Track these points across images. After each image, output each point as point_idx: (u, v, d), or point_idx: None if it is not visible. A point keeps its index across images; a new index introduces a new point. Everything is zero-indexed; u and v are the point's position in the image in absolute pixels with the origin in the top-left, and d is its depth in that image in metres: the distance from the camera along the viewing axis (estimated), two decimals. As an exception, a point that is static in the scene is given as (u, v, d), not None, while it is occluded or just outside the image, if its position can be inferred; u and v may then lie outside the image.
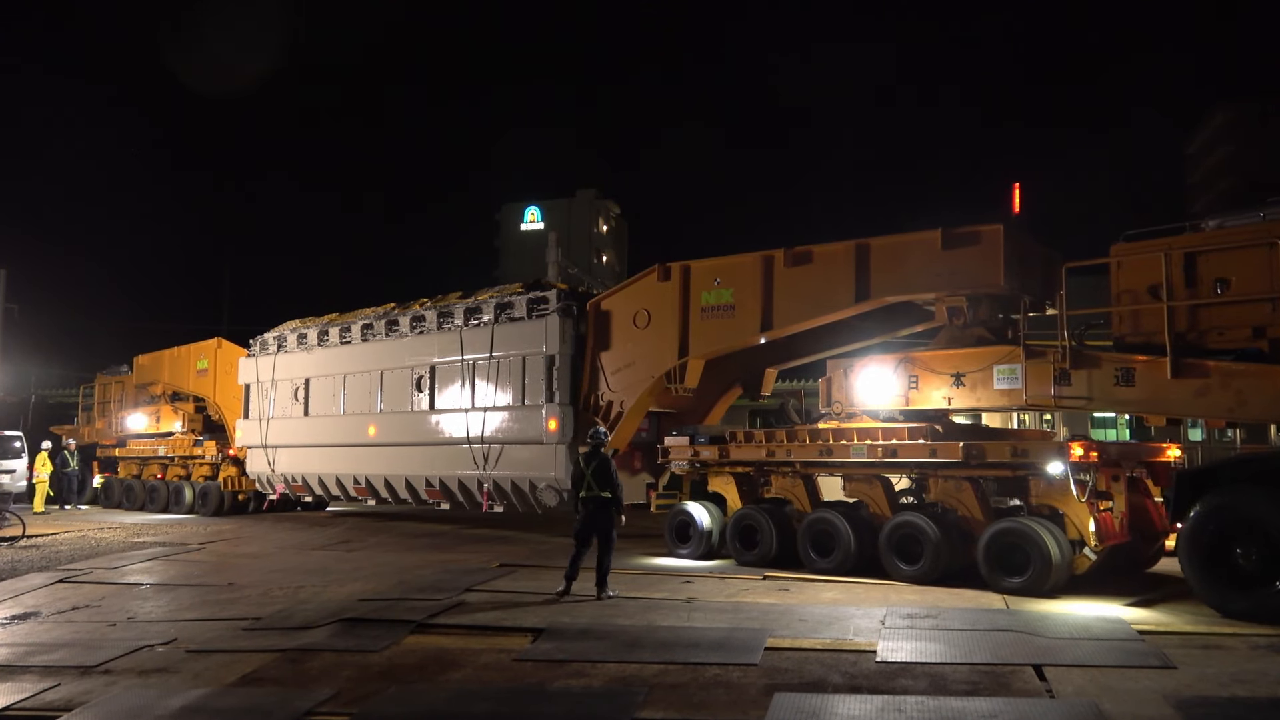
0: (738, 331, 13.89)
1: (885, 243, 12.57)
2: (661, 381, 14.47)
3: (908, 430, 11.95)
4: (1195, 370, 10.30)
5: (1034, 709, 6.27)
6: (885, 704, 6.39)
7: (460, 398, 16.77)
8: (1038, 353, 11.45)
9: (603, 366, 15.11)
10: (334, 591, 11.50)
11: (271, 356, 21.11)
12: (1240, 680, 6.97)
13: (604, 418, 14.80)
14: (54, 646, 8.96)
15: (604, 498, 10.77)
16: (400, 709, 6.77)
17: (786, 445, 12.96)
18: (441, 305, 17.64)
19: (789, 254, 13.31)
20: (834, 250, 12.95)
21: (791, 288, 13.31)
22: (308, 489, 20.44)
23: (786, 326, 13.53)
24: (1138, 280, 11.03)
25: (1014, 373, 11.60)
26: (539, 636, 8.69)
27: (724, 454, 13.58)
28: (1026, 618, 9.08)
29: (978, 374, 11.90)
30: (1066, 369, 11.16)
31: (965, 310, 12.25)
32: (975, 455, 11.33)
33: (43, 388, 38.33)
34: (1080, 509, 10.73)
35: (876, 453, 12.04)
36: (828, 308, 13.14)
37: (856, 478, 12.59)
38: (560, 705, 6.75)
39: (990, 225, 11.77)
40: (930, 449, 11.63)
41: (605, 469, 10.89)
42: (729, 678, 7.19)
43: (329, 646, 8.56)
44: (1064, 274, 11.35)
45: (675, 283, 14.41)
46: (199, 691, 7.28)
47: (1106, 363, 10.98)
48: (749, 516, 13.03)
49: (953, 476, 11.72)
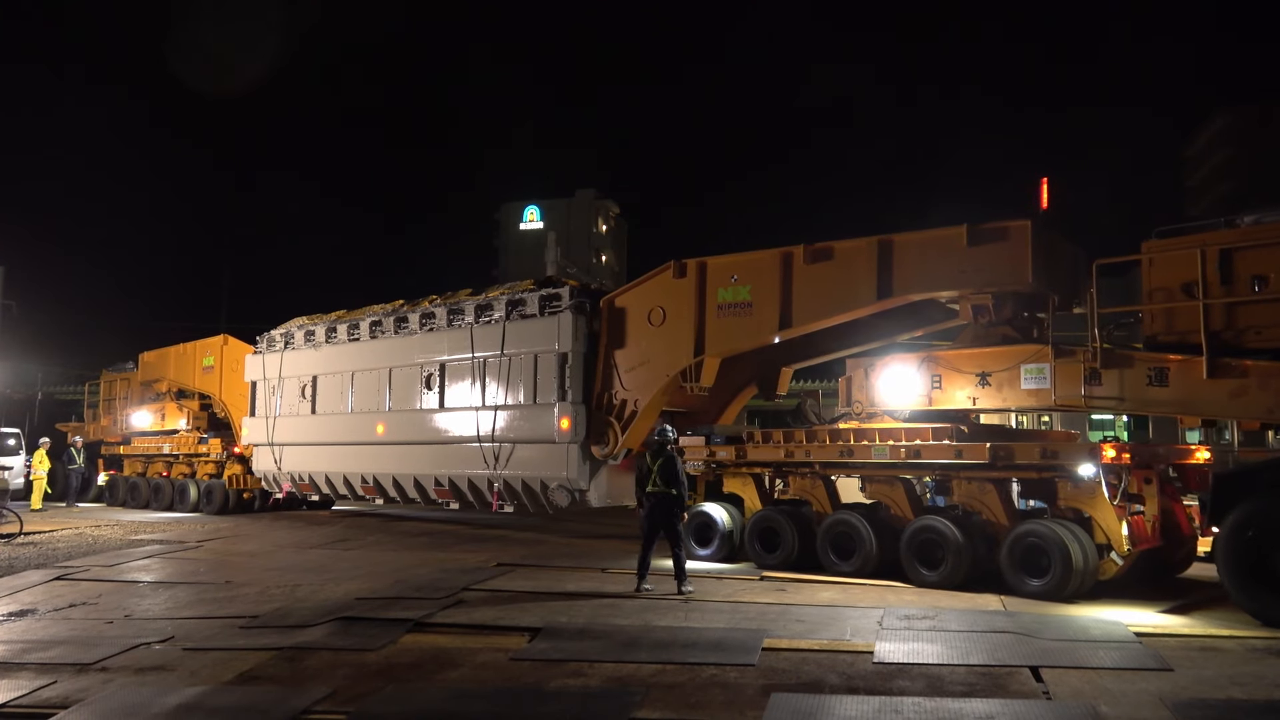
0: (755, 329, 13.56)
1: (908, 239, 12.26)
2: (676, 380, 14.15)
3: (932, 430, 11.64)
4: (1232, 370, 10.00)
5: (1031, 711, 6.28)
6: (882, 705, 6.41)
7: (470, 396, 16.48)
8: (1067, 352, 11.15)
9: (616, 365, 14.79)
10: (331, 590, 11.43)
11: (278, 354, 20.84)
12: (1237, 683, 6.99)
13: (617, 417, 14.50)
14: (50, 644, 8.85)
15: (670, 494, 10.95)
16: (397, 708, 6.74)
17: (806, 446, 12.64)
18: (452, 302, 17.34)
19: (808, 250, 13.00)
20: (855, 246, 12.63)
21: (811, 285, 12.99)
22: (314, 488, 20.15)
23: (805, 324, 13.21)
24: (1170, 278, 10.73)
25: (1042, 372, 11.30)
26: (536, 636, 8.66)
27: (741, 454, 13.26)
28: (1023, 620, 9.02)
29: (1004, 373, 11.61)
30: (1097, 369, 10.86)
31: (990, 308, 11.91)
32: (1002, 456, 11.02)
33: (49, 385, 38.17)
34: (1110, 512, 10.43)
35: (899, 453, 11.73)
36: (848, 305, 12.81)
37: (877, 479, 12.28)
38: (557, 705, 6.74)
39: (1018, 221, 11.46)
40: (955, 450, 11.32)
41: (672, 466, 11.07)
42: (726, 678, 7.19)
43: (326, 645, 8.52)
44: (1094, 271, 11.04)
45: (691, 279, 14.09)
46: (196, 689, 7.24)
47: (1139, 362, 10.67)
48: (769, 518, 12.71)
49: (977, 478, 11.41)
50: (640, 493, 11.25)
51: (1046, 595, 10.12)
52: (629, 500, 15.00)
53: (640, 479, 11.28)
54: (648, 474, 11.13)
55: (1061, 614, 9.36)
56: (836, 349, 14.64)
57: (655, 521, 11.05)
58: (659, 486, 11.02)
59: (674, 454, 11.35)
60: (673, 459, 11.18)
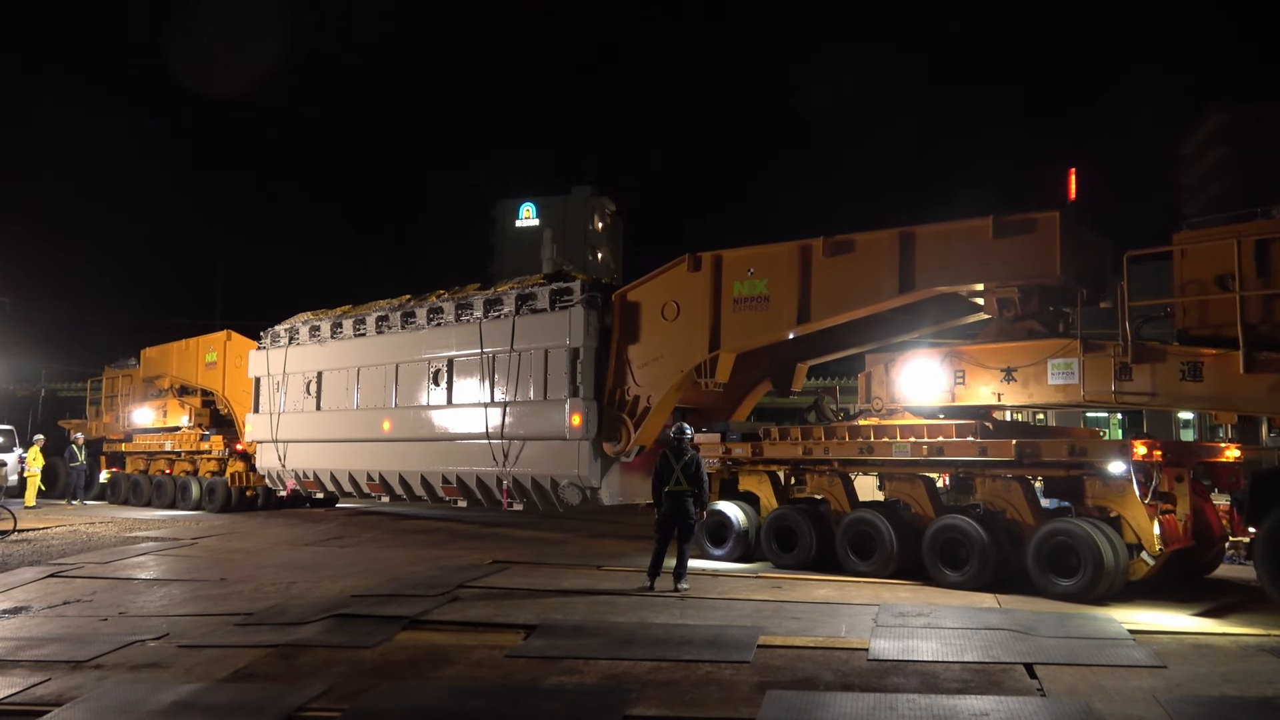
0: (772, 324, 13.23)
1: (932, 231, 11.95)
2: (691, 376, 13.82)
3: (955, 427, 11.31)
4: (1270, 364, 9.68)
5: (1025, 708, 6.28)
6: (877, 702, 6.40)
7: (479, 392, 16.15)
8: (1096, 346, 10.81)
9: (629, 360, 14.45)
10: (326, 587, 11.34)
11: (283, 349, 20.53)
12: (1230, 680, 6.99)
13: (630, 413, 14.16)
14: (45, 641, 8.77)
15: (692, 493, 10.87)
16: (392, 705, 6.70)
17: (825, 443, 12.31)
18: (460, 297, 17.03)
19: (828, 243, 12.66)
20: (877, 239, 12.32)
21: (830, 278, 12.66)
22: (319, 485, 19.83)
23: (825, 319, 12.88)
24: (1204, 270, 10.43)
25: (1070, 367, 10.97)
26: (532, 633, 8.61)
27: (757, 452, 12.93)
28: (1018, 617, 8.99)
29: (1030, 369, 11.27)
30: (1128, 363, 10.52)
31: (1016, 302, 11.59)
32: (1029, 454, 10.70)
33: (52, 381, 37.94)
34: (1141, 511, 10.13)
35: (921, 450, 11.40)
36: (869, 299, 12.48)
37: (898, 477, 11.97)
38: (553, 702, 6.71)
39: (1046, 212, 11.15)
40: (980, 447, 11.00)
41: (696, 466, 11.00)
42: (721, 675, 7.16)
43: (321, 642, 8.47)
44: (1125, 263, 10.71)
45: (706, 273, 13.76)
46: (190, 686, 7.19)
47: (1172, 357, 10.34)
48: (786, 517, 12.38)
49: (1001, 476, 11.09)
50: (659, 491, 11.04)
51: (1076, 596, 9.83)
52: (641, 498, 14.70)
53: (660, 478, 11.07)
54: (669, 473, 10.94)
55: (1056, 611, 9.25)
56: (853, 344, 14.33)
57: (672, 521, 10.89)
58: (681, 486, 10.86)
59: (697, 453, 11.25)
60: (698, 459, 11.09)
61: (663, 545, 10.93)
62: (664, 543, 10.94)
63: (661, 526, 10.97)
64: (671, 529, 10.92)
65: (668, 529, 10.92)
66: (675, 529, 10.90)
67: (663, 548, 10.93)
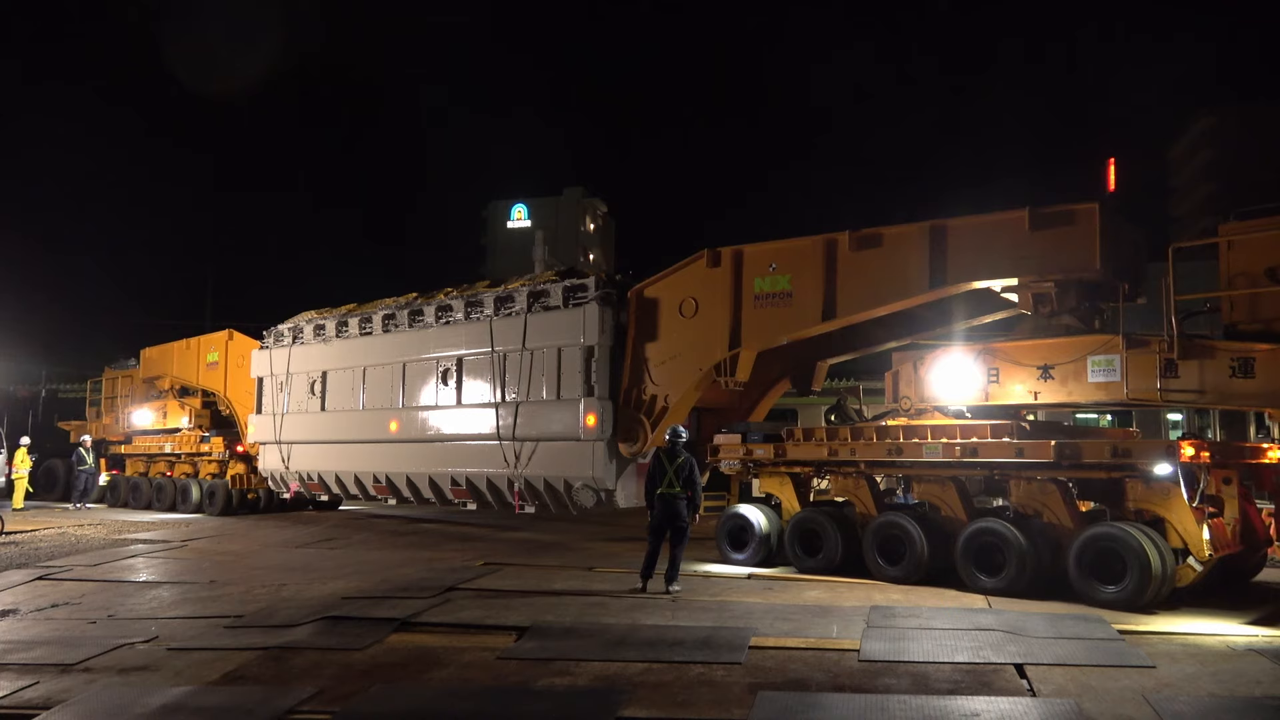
0: (795, 321, 12.75)
1: (964, 223, 11.49)
2: (710, 374, 13.33)
3: (990, 428, 10.82)
4: (1327, 360, 9.20)
5: (1015, 708, 6.31)
6: (868, 702, 6.42)
7: (490, 392, 15.66)
8: (1140, 342, 10.36)
9: (646, 358, 13.96)
10: (317, 589, 11.22)
11: (286, 349, 20.05)
12: (1218, 680, 7.01)
13: (647, 413, 13.67)
14: (33, 644, 8.61)
15: (684, 496, 10.76)
16: (383, 708, 6.69)
17: (850, 444, 11.84)
18: (469, 294, 16.56)
19: (854, 237, 12.20)
20: (906, 232, 11.85)
21: (857, 273, 12.19)
22: (324, 487, 19.33)
23: (851, 315, 12.40)
24: (1253, 262, 10.04)
25: (1112, 364, 10.52)
26: (523, 635, 8.58)
27: (780, 453, 12.45)
28: (1009, 618, 8.96)
29: (1069, 366, 10.83)
30: (1174, 360, 10.07)
31: (1053, 297, 11.09)
32: (1069, 455, 10.21)
33: (52, 382, 37.49)
34: (1189, 515, 9.67)
35: (954, 452, 10.92)
36: (898, 295, 12.00)
37: (927, 479, 11.47)
38: (544, 704, 6.70)
39: (1085, 204, 10.69)
40: (1016, 448, 10.50)
41: (691, 468, 10.87)
42: (713, 676, 7.16)
43: (311, 645, 8.40)
44: (1170, 255, 10.24)
45: (726, 269, 13.28)
46: (180, 689, 7.13)
47: (1222, 352, 9.89)
48: (810, 520, 11.90)
49: (1037, 478, 10.61)
50: (651, 494, 10.87)
51: (1122, 604, 9.38)
52: None
53: (653, 479, 10.89)
54: (662, 475, 10.79)
55: (1046, 612, 9.19)
56: (879, 342, 13.81)
57: (665, 524, 10.76)
58: (675, 488, 10.73)
59: (692, 456, 11.07)
60: (692, 461, 10.94)
61: (655, 547, 10.76)
62: (657, 545, 10.77)
63: (654, 529, 10.81)
64: (664, 531, 10.77)
65: (660, 532, 10.77)
66: (668, 531, 10.74)
67: (655, 549, 10.76)
